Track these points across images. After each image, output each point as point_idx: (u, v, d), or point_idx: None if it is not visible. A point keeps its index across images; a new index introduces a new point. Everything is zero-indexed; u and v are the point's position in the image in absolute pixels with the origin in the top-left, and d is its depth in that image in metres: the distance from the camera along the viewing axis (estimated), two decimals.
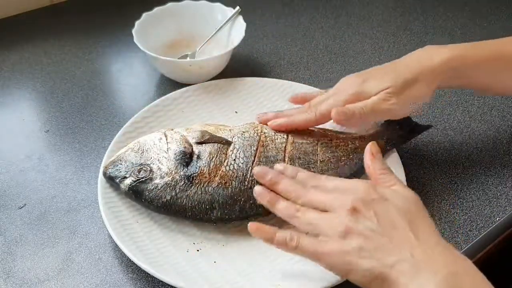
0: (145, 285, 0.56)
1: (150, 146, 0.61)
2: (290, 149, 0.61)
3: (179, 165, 0.59)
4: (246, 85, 0.76)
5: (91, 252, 0.59)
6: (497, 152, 0.71)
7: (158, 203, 0.58)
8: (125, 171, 0.60)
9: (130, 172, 0.59)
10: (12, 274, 0.57)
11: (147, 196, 0.58)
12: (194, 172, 0.59)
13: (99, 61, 0.86)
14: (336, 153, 0.63)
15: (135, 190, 0.59)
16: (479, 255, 0.60)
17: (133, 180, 0.59)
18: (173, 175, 0.59)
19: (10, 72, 0.83)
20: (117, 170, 0.60)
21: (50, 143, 0.72)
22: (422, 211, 0.51)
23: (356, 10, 0.98)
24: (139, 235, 0.58)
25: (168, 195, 0.58)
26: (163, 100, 0.73)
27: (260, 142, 0.61)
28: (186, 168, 0.59)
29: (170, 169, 0.59)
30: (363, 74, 0.64)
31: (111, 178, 0.60)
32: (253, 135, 0.62)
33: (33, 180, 0.67)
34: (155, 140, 0.62)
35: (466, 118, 0.76)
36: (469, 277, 0.45)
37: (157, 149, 0.61)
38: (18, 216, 0.63)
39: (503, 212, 0.63)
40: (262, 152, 0.61)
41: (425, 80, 0.61)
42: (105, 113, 0.76)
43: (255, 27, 0.93)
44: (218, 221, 0.59)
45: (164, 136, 0.62)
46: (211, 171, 0.59)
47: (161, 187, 0.58)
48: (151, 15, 0.82)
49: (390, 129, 0.66)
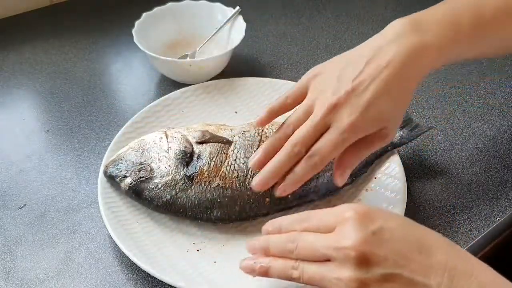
0: (145, 285, 0.56)
1: (150, 146, 0.61)
2: None
3: (179, 165, 0.59)
4: (246, 85, 0.76)
5: (91, 252, 0.59)
6: (497, 152, 0.71)
7: (158, 202, 0.58)
8: (125, 170, 0.60)
9: (131, 171, 0.59)
10: (12, 274, 0.57)
11: (147, 195, 0.59)
12: (194, 171, 0.59)
13: (99, 61, 0.86)
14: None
15: (135, 189, 0.59)
16: (479, 255, 0.61)
17: (133, 179, 0.59)
18: (173, 174, 0.59)
19: (10, 72, 0.83)
20: (117, 169, 0.60)
21: (50, 143, 0.72)
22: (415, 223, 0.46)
23: (356, 10, 0.98)
24: (139, 235, 0.58)
25: (168, 195, 0.58)
26: (163, 100, 0.73)
27: (261, 142, 0.61)
28: (186, 168, 0.59)
29: (170, 169, 0.59)
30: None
31: (112, 177, 0.60)
32: (254, 135, 0.62)
33: (33, 180, 0.67)
34: (156, 140, 0.62)
35: (466, 118, 0.76)
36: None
37: (158, 148, 0.61)
38: (18, 216, 0.63)
39: (503, 212, 0.63)
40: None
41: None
42: (105, 113, 0.76)
43: (255, 27, 0.93)
44: (218, 221, 0.59)
45: (164, 135, 0.62)
46: (211, 171, 0.59)
47: (161, 187, 0.58)
48: (151, 15, 0.82)
49: None
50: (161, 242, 0.58)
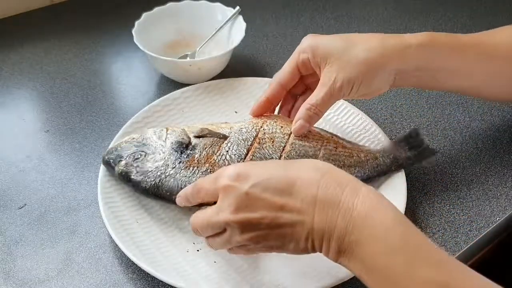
0: (145, 285, 0.56)
1: (150, 136, 0.63)
2: (289, 149, 0.61)
3: (173, 152, 0.60)
4: (246, 85, 0.76)
5: (91, 252, 0.59)
6: (497, 152, 0.71)
7: (146, 185, 0.59)
8: (120, 156, 0.61)
9: (126, 157, 0.61)
10: (12, 274, 0.57)
11: (136, 178, 0.59)
12: (185, 158, 0.60)
13: (99, 61, 0.86)
14: (337, 162, 0.61)
15: (126, 172, 0.60)
16: (479, 255, 0.61)
17: (126, 163, 0.60)
18: (165, 160, 0.60)
19: (10, 72, 0.83)
20: (114, 154, 0.61)
21: (50, 143, 0.72)
22: (286, 162, 0.54)
23: (356, 10, 0.98)
24: (139, 235, 0.58)
25: (158, 178, 0.59)
26: (163, 100, 0.73)
27: (257, 138, 0.61)
28: (179, 155, 0.60)
29: (164, 155, 0.60)
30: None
31: (108, 163, 0.61)
32: (251, 130, 0.62)
33: (33, 180, 0.67)
34: (156, 131, 0.63)
35: (466, 118, 0.76)
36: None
37: (156, 138, 0.62)
38: (18, 216, 0.63)
39: (503, 212, 0.63)
40: (257, 148, 0.60)
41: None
42: (105, 113, 0.76)
43: (255, 27, 0.93)
44: (203, 204, 0.58)
45: (165, 129, 0.63)
46: (201, 158, 0.60)
47: (151, 170, 0.60)
48: (151, 15, 0.82)
49: (399, 148, 0.64)
50: (161, 242, 0.58)
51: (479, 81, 0.63)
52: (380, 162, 0.62)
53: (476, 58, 0.61)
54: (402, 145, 0.64)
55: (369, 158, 0.62)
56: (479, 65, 0.62)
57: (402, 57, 0.59)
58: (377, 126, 0.69)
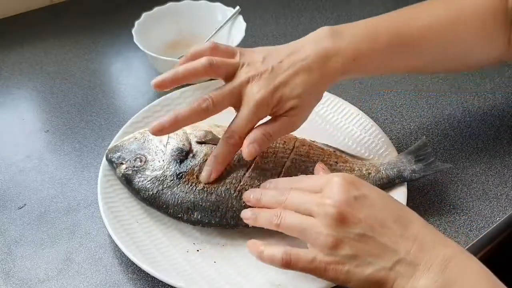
0: (145, 285, 0.56)
1: (152, 137, 0.62)
2: (289, 165, 0.61)
3: (172, 161, 0.60)
4: None
5: (91, 252, 0.59)
6: (497, 152, 0.71)
7: (144, 194, 0.59)
8: (123, 158, 0.61)
9: (127, 159, 0.61)
10: (12, 274, 0.57)
11: (136, 185, 0.59)
12: (184, 171, 0.59)
13: (99, 61, 0.86)
14: None
15: (127, 177, 0.60)
16: (479, 255, 0.60)
17: (127, 167, 0.60)
18: (164, 170, 0.60)
19: (10, 72, 0.83)
20: (117, 155, 0.61)
21: (50, 143, 0.72)
22: (397, 201, 0.52)
23: (356, 10, 0.98)
24: (139, 235, 0.58)
25: (155, 189, 0.59)
26: (163, 100, 0.72)
27: None
28: (178, 165, 0.60)
29: (163, 164, 0.60)
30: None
31: (111, 162, 0.61)
32: None
33: (33, 180, 0.67)
34: None
35: (466, 118, 0.76)
36: (462, 261, 0.46)
37: (157, 141, 0.62)
38: (18, 216, 0.63)
39: (503, 212, 0.63)
40: (258, 163, 0.60)
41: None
42: (105, 113, 0.76)
43: (255, 27, 0.92)
44: (198, 224, 0.58)
45: None
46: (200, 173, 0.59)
47: (150, 179, 0.59)
48: (151, 15, 0.82)
49: (404, 160, 0.62)
50: (161, 242, 0.58)
51: (417, 68, 0.66)
52: (383, 175, 0.61)
53: (401, 55, 0.62)
54: (409, 157, 0.63)
55: (371, 172, 0.62)
56: (405, 60, 0.63)
57: (332, 81, 0.60)
58: (377, 126, 0.69)
